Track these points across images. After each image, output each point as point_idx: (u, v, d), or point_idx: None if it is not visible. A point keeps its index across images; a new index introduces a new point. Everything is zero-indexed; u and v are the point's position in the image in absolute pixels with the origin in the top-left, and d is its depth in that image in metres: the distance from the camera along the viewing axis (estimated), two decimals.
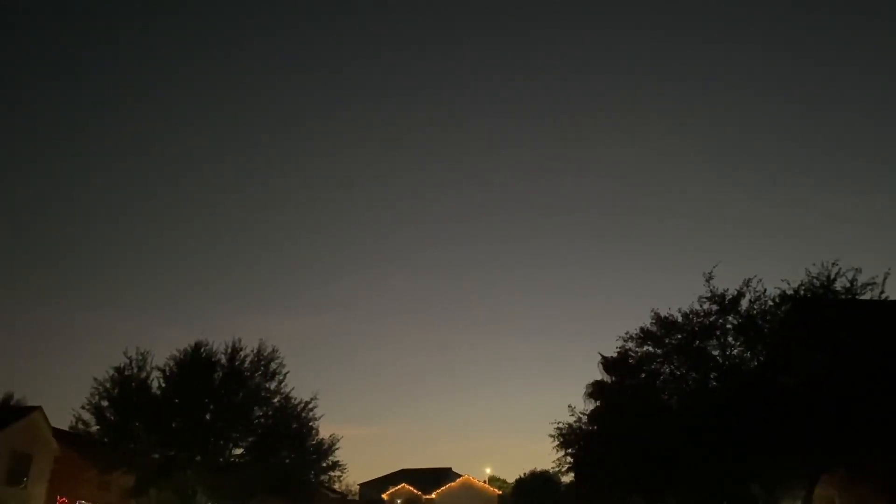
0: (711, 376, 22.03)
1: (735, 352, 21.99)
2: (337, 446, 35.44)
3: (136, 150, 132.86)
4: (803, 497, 21.60)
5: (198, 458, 32.20)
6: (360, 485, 75.49)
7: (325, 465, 35.55)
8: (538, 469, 66.04)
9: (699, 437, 19.78)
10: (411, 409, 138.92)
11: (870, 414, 18.21)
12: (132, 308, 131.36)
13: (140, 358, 32.98)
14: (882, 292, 19.99)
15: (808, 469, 20.93)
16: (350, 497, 70.38)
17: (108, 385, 32.39)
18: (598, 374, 30.60)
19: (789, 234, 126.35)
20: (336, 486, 44.06)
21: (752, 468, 20.80)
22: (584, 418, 24.85)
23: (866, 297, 20.13)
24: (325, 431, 36.31)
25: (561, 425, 25.04)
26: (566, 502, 51.14)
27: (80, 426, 32.15)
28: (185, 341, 40.29)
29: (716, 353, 21.99)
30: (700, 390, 21.80)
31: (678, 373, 22.71)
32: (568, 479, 30.14)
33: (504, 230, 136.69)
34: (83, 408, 32.11)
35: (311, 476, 35.98)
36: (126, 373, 32.62)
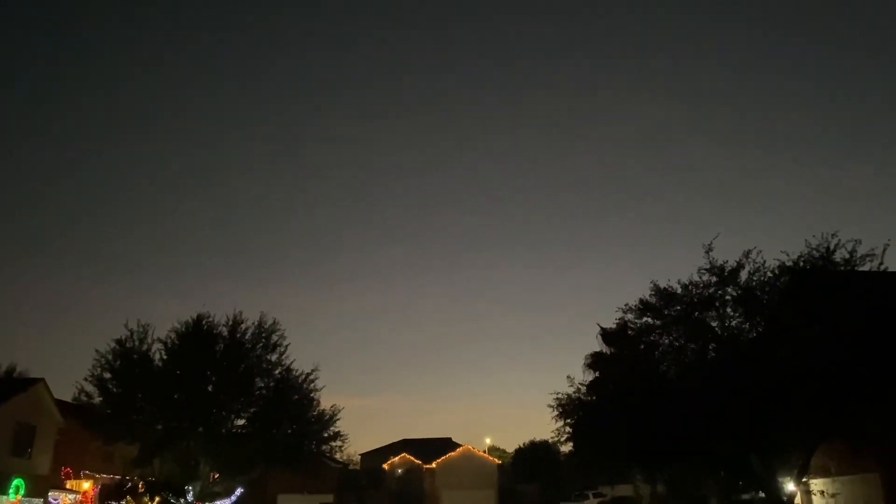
0: (710, 347, 22.10)
1: (734, 323, 22.04)
2: (338, 417, 35.75)
3: (136, 123, 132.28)
4: (800, 467, 21.81)
5: (200, 428, 32.50)
6: (362, 455, 76.18)
7: (326, 435, 35.86)
8: (537, 439, 66.72)
9: (697, 407, 19.90)
10: (412, 380, 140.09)
11: (867, 385, 18.32)
12: (133, 282, 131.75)
13: (141, 330, 33.17)
14: (881, 263, 19.99)
15: (805, 439, 21.10)
16: (351, 467, 71.08)
17: (109, 357, 32.63)
18: (598, 346, 30.81)
19: (789, 207, 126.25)
20: (337, 456, 44.47)
21: (749, 438, 20.96)
22: (583, 389, 25.00)
23: (865, 268, 20.13)
24: (326, 402, 36.67)
25: (560, 396, 25.21)
26: (565, 472, 51.73)
27: (83, 398, 32.43)
28: (186, 314, 40.47)
29: (714, 324, 22.04)
30: (698, 361, 21.88)
31: (677, 344, 22.77)
32: (567, 448, 30.41)
33: (504, 205, 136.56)
34: (86, 380, 32.42)
35: (313, 446, 36.30)
36: (127, 345, 32.82)
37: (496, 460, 71.70)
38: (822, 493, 23.70)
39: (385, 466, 69.57)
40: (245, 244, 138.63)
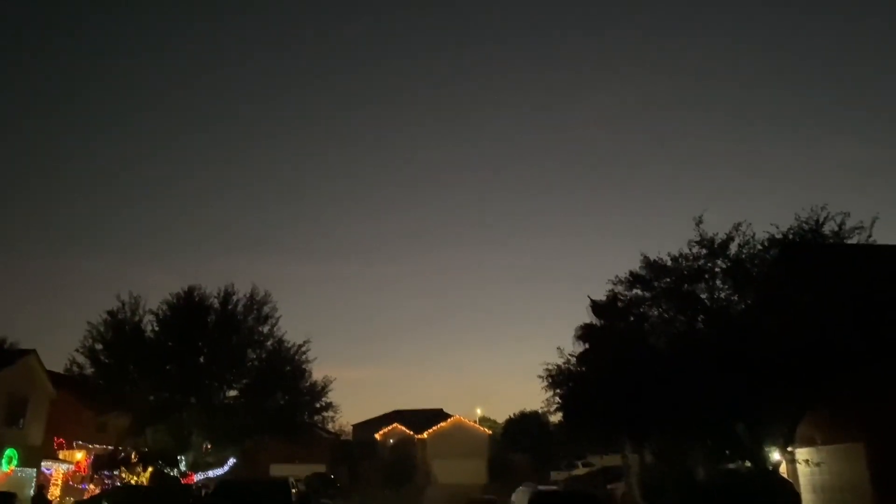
0: (699, 319, 22.29)
1: (723, 295, 22.21)
2: (330, 388, 36.03)
3: (128, 97, 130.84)
4: (785, 437, 22.15)
5: (192, 400, 32.72)
6: (354, 426, 76.86)
7: (318, 406, 36.17)
8: (528, 410, 67.36)
9: (685, 378, 20.12)
10: (404, 352, 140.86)
11: (853, 356, 18.55)
12: (125, 253, 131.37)
13: (133, 302, 33.27)
14: (869, 236, 20.14)
15: (791, 410, 21.39)
16: (344, 437, 71.72)
17: (101, 329, 32.74)
18: (588, 318, 31.00)
19: (780, 181, 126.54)
20: (330, 427, 44.86)
21: (736, 409, 21.23)
22: (573, 360, 25.22)
23: (854, 241, 20.27)
24: (318, 374, 36.82)
25: (550, 367, 25.44)
26: (555, 442, 52.32)
27: (75, 369, 32.56)
28: (177, 286, 40.52)
29: (704, 296, 22.20)
30: (687, 333, 22.08)
31: (666, 316, 22.96)
32: (556, 418, 30.75)
33: (495, 177, 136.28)
34: (77, 351, 32.53)
35: (305, 417, 36.60)
36: (119, 317, 32.90)
37: (487, 431, 72.47)
38: (806, 462, 24.08)
39: (377, 437, 70.22)
40: (236, 217, 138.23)
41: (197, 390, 32.64)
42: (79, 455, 36.28)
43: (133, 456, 33.95)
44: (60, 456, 35.05)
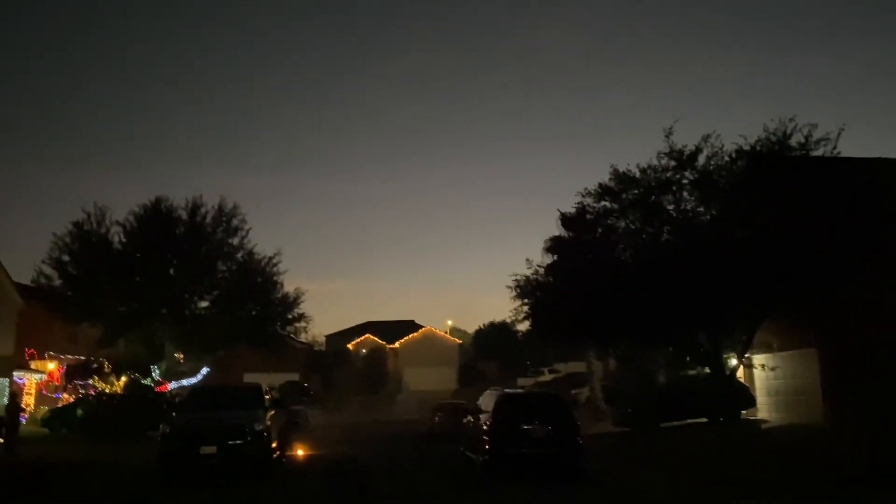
0: (665, 230, 22.60)
1: (689, 206, 22.46)
2: (302, 299, 36.31)
3: (89, 2, 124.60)
4: (743, 343, 22.98)
5: (164, 310, 32.79)
6: (327, 336, 77.85)
7: (290, 317, 36.51)
8: (497, 321, 68.76)
9: (650, 287, 20.57)
10: (377, 266, 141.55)
11: (811, 266, 19.08)
12: (89, 163, 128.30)
13: (98, 213, 32.79)
14: (834, 148, 20.34)
15: (751, 317, 22.10)
16: (317, 348, 72.79)
17: (67, 240, 32.31)
18: (558, 231, 31.20)
19: (751, 94, 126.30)
20: (302, 337, 45.45)
21: (698, 317, 21.87)
22: (541, 271, 25.51)
23: (819, 152, 20.48)
24: (290, 286, 37.08)
25: (519, 278, 25.70)
26: (522, 350, 53.74)
27: (43, 280, 32.32)
28: (143, 197, 39.95)
29: (671, 207, 22.42)
30: (653, 243, 22.40)
31: (633, 227, 23.18)
32: (524, 327, 31.41)
33: (466, 90, 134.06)
34: (44, 262, 32.20)
35: (277, 327, 36.98)
36: (85, 228, 32.48)
37: (457, 340, 74.07)
38: (763, 367, 25.14)
39: (349, 347, 71.41)
40: (205, 129, 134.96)
41: (168, 301, 32.69)
42: (51, 365, 36.49)
43: (106, 366, 34.25)
44: (32, 366, 35.22)
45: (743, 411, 25.15)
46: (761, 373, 25.74)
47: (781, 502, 11.37)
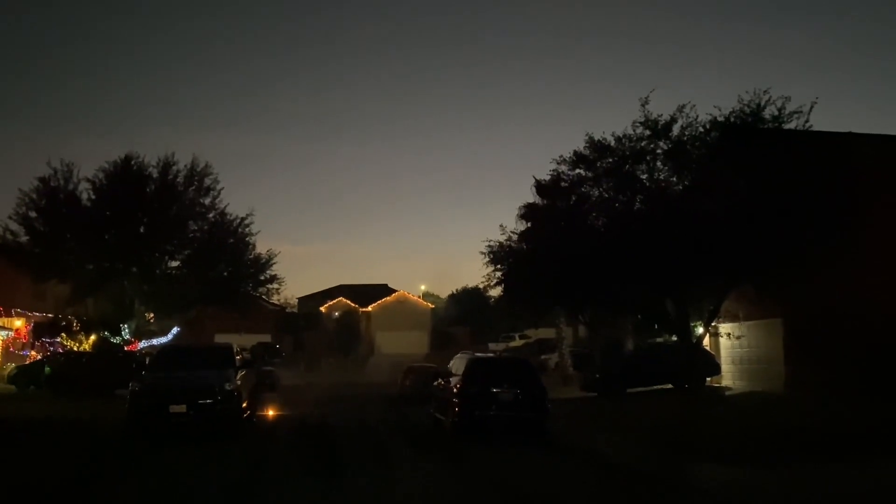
0: (638, 199, 22.80)
1: (662, 176, 22.68)
2: (274, 261, 36.06)
3: None
4: (710, 312, 23.41)
5: (133, 269, 32.46)
6: (299, 298, 77.68)
7: (262, 278, 36.29)
8: (470, 286, 69.14)
9: (621, 255, 20.81)
10: (349, 229, 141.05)
11: (779, 238, 19.40)
12: (61, 122, 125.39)
13: (66, 169, 32.12)
14: (807, 121, 20.58)
15: (719, 287, 22.49)
16: (289, 310, 72.68)
17: (34, 196, 31.69)
18: (533, 198, 31.30)
19: (729, 67, 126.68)
20: (274, 299, 45.29)
21: (667, 285, 22.21)
22: (515, 237, 25.67)
23: (792, 125, 20.71)
24: (262, 247, 36.76)
25: (492, 243, 25.85)
26: (493, 316, 54.16)
27: (9, 236, 31.79)
28: (112, 154, 39.28)
29: (644, 177, 22.63)
30: (626, 212, 22.61)
31: (607, 195, 23.38)
32: (496, 293, 31.66)
33: (444, 57, 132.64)
34: (10, 218, 31.61)
35: (249, 288, 36.80)
36: (52, 184, 31.85)
37: (430, 305, 74.43)
38: (728, 335, 25.67)
39: (322, 310, 71.40)
40: (176, 88, 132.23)
41: (137, 260, 32.34)
42: (18, 322, 36.02)
43: (74, 324, 33.89)
44: None
45: (708, 378, 25.73)
46: (727, 341, 26.30)
47: (742, 466, 11.69)
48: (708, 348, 26.91)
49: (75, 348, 33.12)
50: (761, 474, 11.16)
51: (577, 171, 23.32)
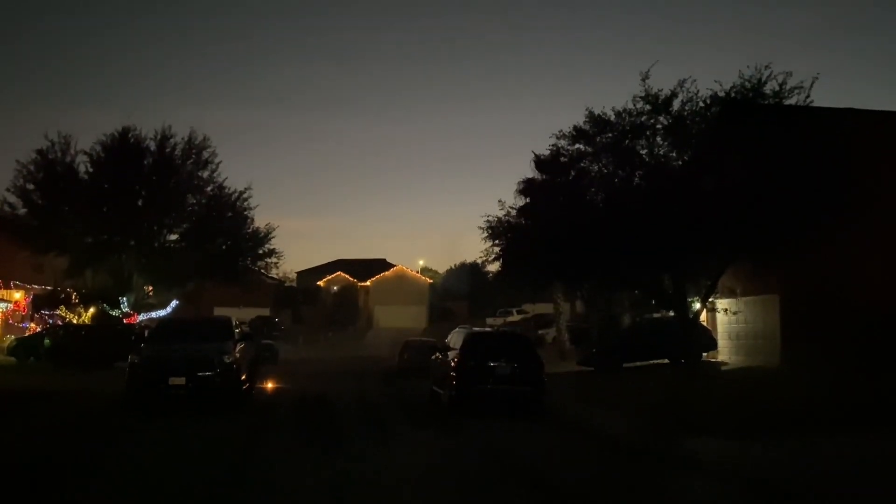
0: (637, 174, 22.70)
1: (662, 152, 22.55)
2: (273, 235, 36.08)
3: None
4: (708, 288, 23.45)
5: (132, 242, 32.50)
6: (298, 273, 77.92)
7: (261, 252, 36.32)
8: (468, 261, 69.30)
9: (619, 231, 20.79)
10: (347, 203, 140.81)
11: (777, 214, 19.37)
12: (57, 96, 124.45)
13: (63, 141, 32.00)
14: (807, 97, 20.41)
15: (716, 262, 22.50)
16: (288, 284, 72.87)
17: (31, 168, 31.62)
18: (531, 173, 31.17)
19: (730, 40, 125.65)
20: (273, 273, 45.40)
21: (665, 261, 22.22)
22: (514, 213, 25.62)
23: (792, 101, 20.55)
24: (261, 222, 36.74)
25: (490, 219, 25.78)
26: (491, 291, 54.41)
27: (7, 209, 31.77)
28: (109, 126, 39.13)
29: (644, 152, 22.49)
30: (625, 188, 22.51)
31: (606, 171, 23.26)
32: (494, 268, 31.64)
33: (442, 30, 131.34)
34: (8, 191, 31.59)
35: (248, 262, 36.85)
36: (49, 156, 31.76)
37: (428, 279, 74.63)
38: (725, 311, 25.73)
39: (320, 284, 71.61)
40: (172, 61, 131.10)
41: (136, 233, 32.37)
42: (17, 295, 36.10)
43: (73, 296, 33.97)
44: None
45: (704, 353, 25.86)
46: (724, 317, 26.38)
47: (737, 439, 11.81)
48: (705, 324, 27.01)
49: (74, 321, 33.24)
50: (756, 447, 11.29)
51: (577, 146, 23.14)
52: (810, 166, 18.92)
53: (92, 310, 33.61)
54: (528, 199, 25.46)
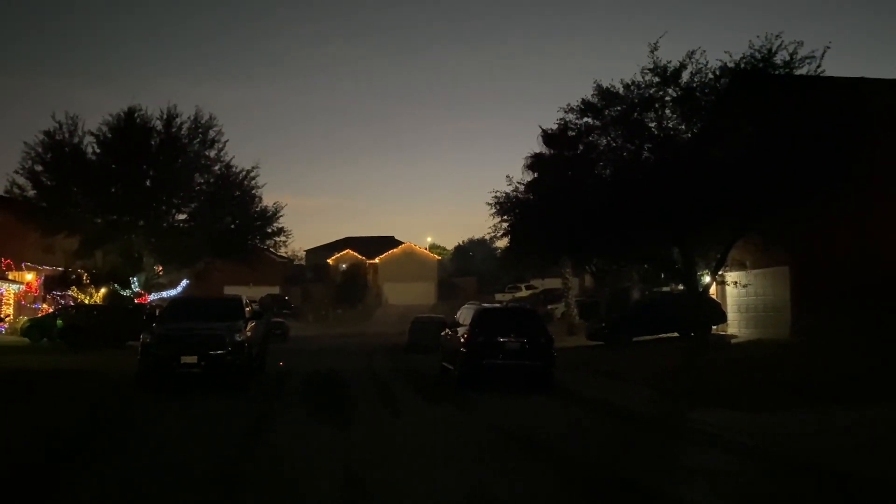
0: (646, 147, 22.51)
1: (671, 124, 22.31)
2: (281, 213, 36.11)
3: None
4: (717, 261, 23.36)
5: (141, 222, 32.59)
6: (307, 251, 78.17)
7: (269, 230, 36.40)
8: (476, 237, 69.29)
9: (628, 205, 20.68)
10: (355, 181, 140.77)
11: (788, 186, 19.21)
12: (64, 76, 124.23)
13: (70, 122, 31.98)
14: (818, 66, 20.12)
15: (726, 235, 22.39)
16: (297, 262, 73.12)
17: (39, 149, 31.65)
18: (539, 148, 31.06)
19: (741, 8, 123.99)
20: (282, 252, 45.55)
21: (674, 234, 22.12)
22: (522, 188, 25.54)
23: (803, 71, 20.27)
24: (268, 200, 36.78)
25: (498, 194, 25.71)
26: (500, 266, 54.44)
27: (16, 190, 31.82)
28: (114, 107, 39.04)
29: (653, 125, 22.26)
30: (633, 161, 22.34)
31: (615, 144, 23.06)
32: (503, 244, 31.62)
33: (449, 2, 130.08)
34: (16, 172, 31.62)
35: (256, 241, 36.95)
36: (57, 137, 31.76)
37: (436, 256, 74.70)
38: (735, 283, 25.63)
39: (329, 262, 71.78)
40: (179, 39, 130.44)
41: (144, 213, 32.43)
42: (29, 276, 36.37)
43: (84, 277, 34.18)
44: (10, 277, 35.07)
45: (714, 326, 25.83)
46: (733, 290, 26.28)
47: (748, 410, 11.83)
48: (714, 297, 26.94)
49: (86, 301, 33.47)
50: (766, 417, 11.31)
51: (585, 119, 22.90)
52: (821, 137, 18.71)
53: (103, 290, 33.82)
54: (536, 174, 25.38)
